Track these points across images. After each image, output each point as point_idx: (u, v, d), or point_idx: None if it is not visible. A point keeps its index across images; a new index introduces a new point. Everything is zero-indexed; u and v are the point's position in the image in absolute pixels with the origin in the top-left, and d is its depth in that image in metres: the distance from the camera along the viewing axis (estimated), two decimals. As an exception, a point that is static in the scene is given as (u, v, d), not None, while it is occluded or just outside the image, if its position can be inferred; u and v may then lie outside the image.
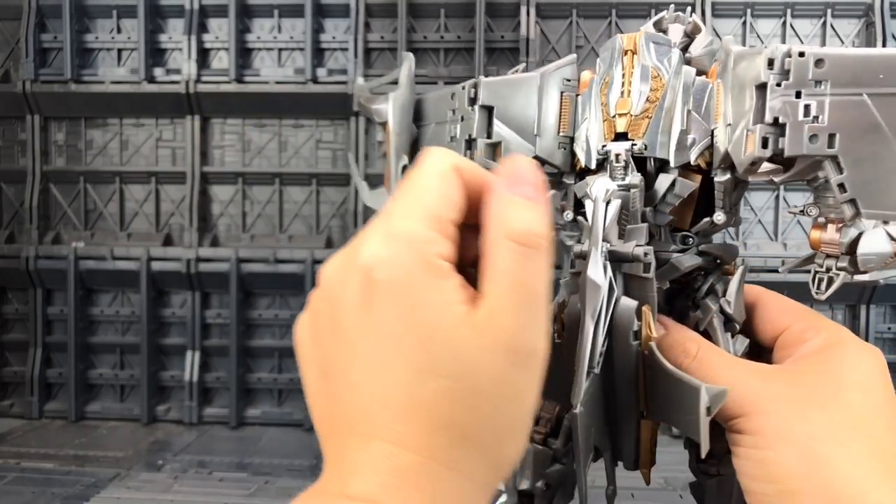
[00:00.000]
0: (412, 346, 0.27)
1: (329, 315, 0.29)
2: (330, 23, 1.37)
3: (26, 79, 1.35)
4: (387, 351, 0.27)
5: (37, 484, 1.03)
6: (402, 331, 0.27)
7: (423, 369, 0.26)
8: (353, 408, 0.28)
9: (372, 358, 0.27)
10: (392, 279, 0.27)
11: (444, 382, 0.26)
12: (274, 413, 1.36)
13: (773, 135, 0.34)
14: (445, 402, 0.26)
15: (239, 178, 1.38)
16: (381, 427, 0.27)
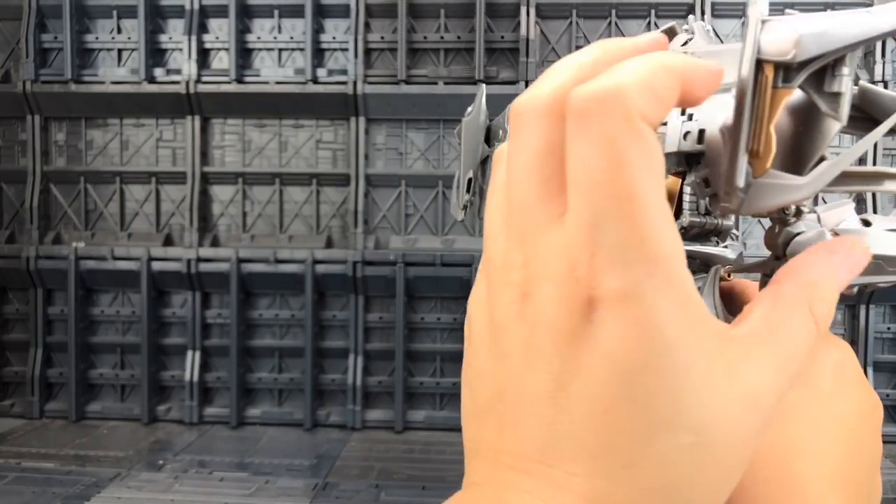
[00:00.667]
0: (658, 395, 0.20)
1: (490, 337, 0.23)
2: (330, 23, 1.37)
3: (27, 79, 1.35)
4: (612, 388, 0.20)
5: (37, 483, 1.03)
6: (639, 368, 0.20)
7: (665, 423, 0.20)
8: (551, 435, 0.21)
9: (582, 393, 0.21)
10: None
11: (684, 438, 0.21)
12: (274, 413, 1.36)
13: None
14: (674, 462, 0.21)
15: (239, 178, 1.38)
16: (586, 474, 0.20)
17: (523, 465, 0.20)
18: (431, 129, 1.34)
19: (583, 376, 0.20)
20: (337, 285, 1.34)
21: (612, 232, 0.19)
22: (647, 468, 0.20)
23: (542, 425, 0.20)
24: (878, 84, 1.25)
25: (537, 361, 0.20)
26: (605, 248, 0.19)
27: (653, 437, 0.20)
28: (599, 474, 0.20)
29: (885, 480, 1.06)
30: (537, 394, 0.20)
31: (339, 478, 1.08)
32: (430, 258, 1.28)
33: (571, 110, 0.19)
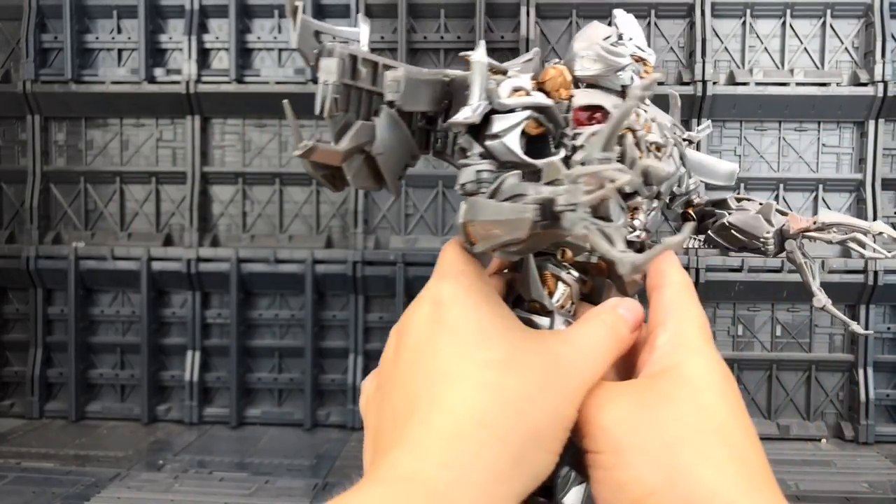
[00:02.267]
0: (468, 329, 0.33)
1: (396, 347, 0.36)
2: (330, 23, 1.36)
3: (27, 79, 1.35)
4: (446, 341, 0.33)
5: (37, 483, 1.03)
6: (462, 324, 0.33)
7: (477, 343, 0.32)
8: (403, 401, 0.33)
9: (432, 352, 0.33)
10: (455, 296, 0.34)
11: (494, 353, 0.32)
12: (274, 413, 1.36)
13: None
14: (490, 368, 0.31)
15: (239, 178, 1.38)
16: (425, 401, 0.31)
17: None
18: (431, 129, 1.34)
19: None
20: (337, 285, 1.34)
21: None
22: (476, 373, 0.31)
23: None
24: (878, 84, 1.25)
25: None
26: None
27: (477, 356, 0.32)
28: (453, 387, 0.31)
29: (885, 480, 1.06)
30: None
31: (339, 478, 1.08)
32: (430, 258, 1.28)
33: None
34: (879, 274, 1.25)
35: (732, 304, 1.31)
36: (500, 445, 0.29)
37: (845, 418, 1.30)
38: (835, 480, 1.08)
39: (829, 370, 1.31)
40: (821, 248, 1.30)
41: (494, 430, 0.30)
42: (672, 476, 0.30)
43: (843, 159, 1.31)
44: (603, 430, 0.32)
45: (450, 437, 0.29)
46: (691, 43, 1.30)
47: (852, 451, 1.22)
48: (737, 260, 1.27)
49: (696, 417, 0.31)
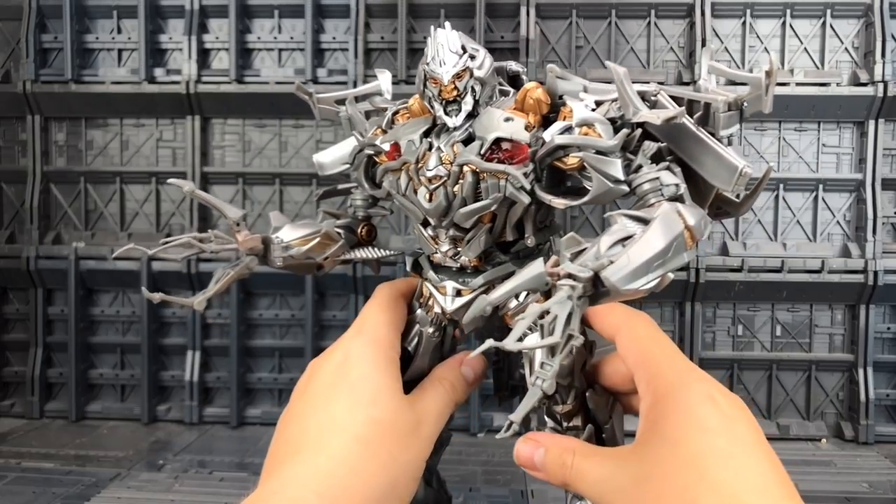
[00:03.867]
0: (361, 389, 0.43)
1: (304, 385, 0.46)
2: (330, 23, 1.37)
3: (27, 79, 1.35)
4: (343, 393, 0.42)
5: (37, 484, 1.03)
6: (360, 381, 0.43)
7: (362, 402, 0.42)
8: (296, 434, 0.42)
9: (329, 398, 0.42)
10: (361, 355, 0.44)
11: (376, 413, 0.41)
12: (274, 413, 1.36)
13: None
14: (369, 425, 0.41)
15: (239, 178, 1.38)
16: (313, 442, 0.40)
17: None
18: (431, 129, 1.34)
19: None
20: (337, 285, 1.34)
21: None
22: (350, 429, 0.41)
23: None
24: (877, 84, 1.25)
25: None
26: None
27: (356, 414, 0.42)
28: (328, 437, 0.41)
29: (885, 480, 1.06)
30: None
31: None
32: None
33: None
34: (879, 274, 1.25)
35: (732, 304, 1.31)
36: (365, 489, 0.38)
37: (845, 418, 1.30)
38: (835, 480, 1.08)
39: (829, 370, 1.31)
40: (821, 248, 1.30)
41: (363, 478, 0.38)
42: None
43: (843, 159, 1.31)
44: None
45: (328, 476, 0.38)
46: (691, 43, 1.30)
47: (852, 451, 1.23)
48: (737, 260, 1.27)
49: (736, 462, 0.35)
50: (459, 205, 0.46)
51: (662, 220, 0.36)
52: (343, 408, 0.41)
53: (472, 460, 1.15)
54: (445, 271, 0.53)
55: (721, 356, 1.31)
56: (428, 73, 0.47)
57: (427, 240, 0.52)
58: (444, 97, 0.47)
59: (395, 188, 0.50)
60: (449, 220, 0.48)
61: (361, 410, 0.41)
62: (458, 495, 0.98)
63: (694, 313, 1.29)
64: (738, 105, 0.44)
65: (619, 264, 0.33)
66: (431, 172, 0.47)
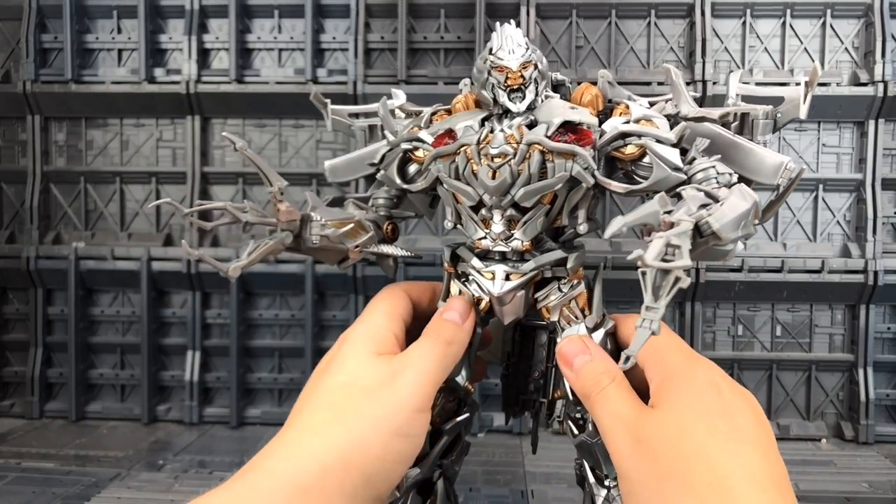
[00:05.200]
0: (333, 363, 0.48)
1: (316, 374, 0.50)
2: (330, 23, 1.37)
3: (26, 79, 1.35)
4: (318, 372, 0.48)
5: (37, 484, 1.03)
6: (335, 359, 0.48)
7: (330, 373, 0.46)
8: (299, 403, 0.46)
9: (312, 385, 0.47)
10: (349, 338, 0.48)
11: (339, 378, 0.44)
12: (274, 413, 1.36)
13: None
14: (334, 391, 0.43)
15: (239, 178, 1.38)
16: (292, 417, 0.44)
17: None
18: (431, 129, 1.34)
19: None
20: (337, 285, 1.34)
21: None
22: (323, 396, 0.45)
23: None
24: (878, 84, 1.25)
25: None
26: None
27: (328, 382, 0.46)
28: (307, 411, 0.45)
29: (885, 480, 1.06)
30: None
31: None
32: (431, 258, 1.28)
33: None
34: (879, 274, 1.25)
35: (732, 304, 1.31)
36: (330, 450, 0.39)
37: (845, 418, 1.30)
38: (835, 480, 1.08)
39: (829, 370, 1.31)
40: (821, 248, 1.30)
41: (327, 439, 0.40)
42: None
43: (843, 159, 1.31)
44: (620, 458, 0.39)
45: (295, 444, 0.40)
46: (691, 43, 1.30)
47: (852, 451, 1.23)
48: (737, 260, 1.27)
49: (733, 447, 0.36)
50: (523, 182, 0.48)
51: (739, 191, 0.41)
52: (314, 382, 0.45)
53: (472, 460, 1.15)
54: (491, 258, 0.54)
55: (721, 356, 1.30)
56: (494, 61, 0.50)
57: (476, 224, 0.52)
58: (509, 84, 0.49)
59: (447, 172, 0.50)
60: (509, 200, 0.49)
61: (327, 379, 0.44)
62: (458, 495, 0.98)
63: (694, 313, 1.29)
64: (773, 115, 0.50)
65: (718, 215, 0.38)
66: (497, 150, 0.48)
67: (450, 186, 0.52)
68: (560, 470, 1.07)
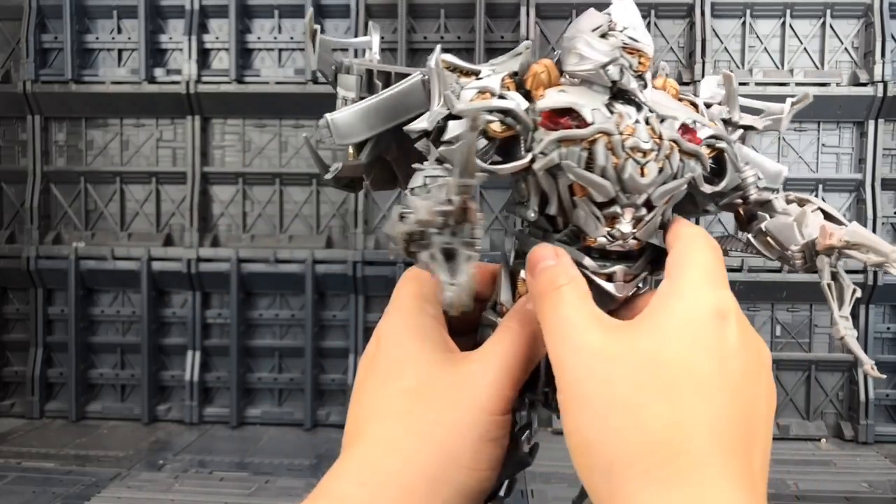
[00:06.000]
0: (386, 366, 0.38)
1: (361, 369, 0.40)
2: (330, 23, 1.37)
3: (27, 79, 1.35)
4: (370, 377, 0.38)
5: (37, 483, 1.03)
6: (383, 360, 0.38)
7: (390, 378, 0.37)
8: (350, 425, 0.38)
9: (362, 388, 0.38)
10: (387, 335, 0.39)
11: (405, 383, 0.36)
12: (274, 413, 1.36)
13: None
14: (402, 398, 0.36)
15: (239, 178, 1.38)
16: (353, 431, 0.36)
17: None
18: (431, 129, 1.34)
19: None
20: (337, 285, 1.34)
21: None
22: (387, 407, 0.37)
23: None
24: (877, 84, 1.25)
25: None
26: None
27: (389, 388, 0.37)
28: (372, 421, 0.37)
29: (885, 480, 1.06)
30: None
31: (339, 478, 1.08)
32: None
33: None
34: (879, 274, 1.25)
35: (732, 304, 1.31)
36: (412, 467, 0.33)
37: (845, 418, 1.30)
38: (835, 480, 1.08)
39: (828, 370, 1.31)
40: (821, 248, 1.30)
41: (405, 454, 0.34)
42: (604, 436, 0.30)
43: (842, 159, 1.31)
44: (561, 370, 0.33)
45: (367, 463, 0.34)
46: (691, 43, 1.30)
47: (852, 450, 1.23)
48: (736, 260, 1.27)
49: (649, 377, 0.31)
50: (662, 181, 0.45)
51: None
52: (373, 390, 0.37)
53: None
54: (609, 257, 0.48)
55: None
56: (629, 42, 0.44)
57: (598, 220, 0.46)
58: (639, 70, 0.46)
59: (574, 159, 0.43)
60: (645, 198, 0.46)
61: (389, 385, 0.37)
62: None
63: (694, 313, 1.29)
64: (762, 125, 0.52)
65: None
66: (647, 145, 0.44)
67: (578, 178, 0.44)
68: (560, 470, 1.07)
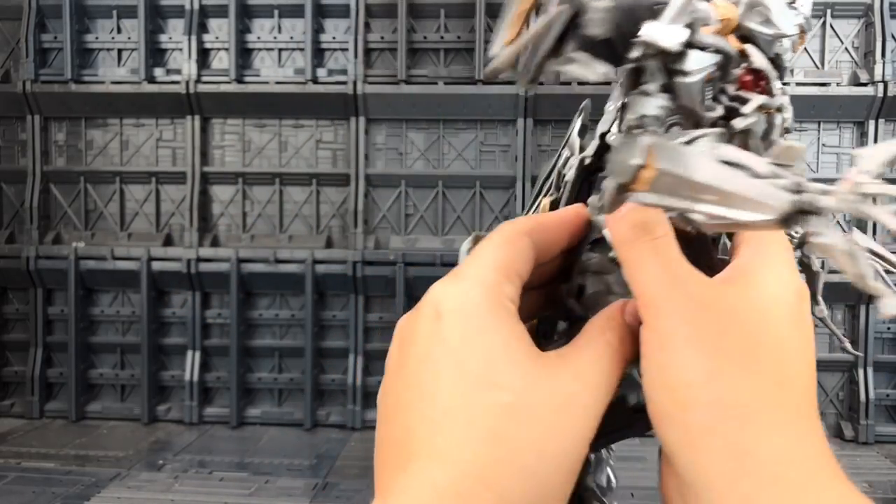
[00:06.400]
0: (475, 360, 0.28)
1: (397, 357, 0.30)
2: (330, 23, 1.37)
3: (26, 79, 1.35)
4: (448, 367, 0.28)
5: (37, 483, 1.03)
6: (466, 346, 0.28)
7: (483, 381, 0.27)
8: (401, 433, 0.29)
9: (431, 376, 0.28)
10: (459, 305, 0.28)
11: (504, 396, 0.27)
12: (274, 413, 1.36)
13: None
14: (499, 415, 0.27)
15: (239, 178, 1.38)
16: (421, 444, 0.27)
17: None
18: (431, 129, 1.34)
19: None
20: (337, 285, 1.34)
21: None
22: (473, 421, 0.27)
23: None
24: (878, 84, 1.25)
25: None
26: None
27: (479, 396, 0.27)
28: (439, 432, 0.27)
29: (885, 480, 1.06)
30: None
31: (339, 478, 1.08)
32: (430, 258, 1.28)
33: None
34: (879, 274, 1.25)
35: (732, 304, 1.31)
36: (514, 494, 0.27)
37: (845, 418, 1.30)
38: (835, 480, 1.08)
39: (829, 370, 1.31)
40: (821, 248, 1.30)
41: (500, 490, 0.27)
42: (711, 377, 0.28)
43: (843, 159, 1.31)
44: (668, 316, 0.29)
45: (451, 494, 0.27)
46: (691, 43, 1.30)
47: (852, 451, 1.23)
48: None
49: (752, 341, 0.29)
50: None
51: None
52: (452, 395, 0.28)
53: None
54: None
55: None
56: (803, 24, 0.38)
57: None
58: (795, 48, 0.42)
59: (759, 128, 0.38)
60: None
61: (480, 394, 0.28)
62: None
63: (694, 313, 1.29)
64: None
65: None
66: (786, 122, 0.39)
67: (755, 148, 0.40)
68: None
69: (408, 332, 0.30)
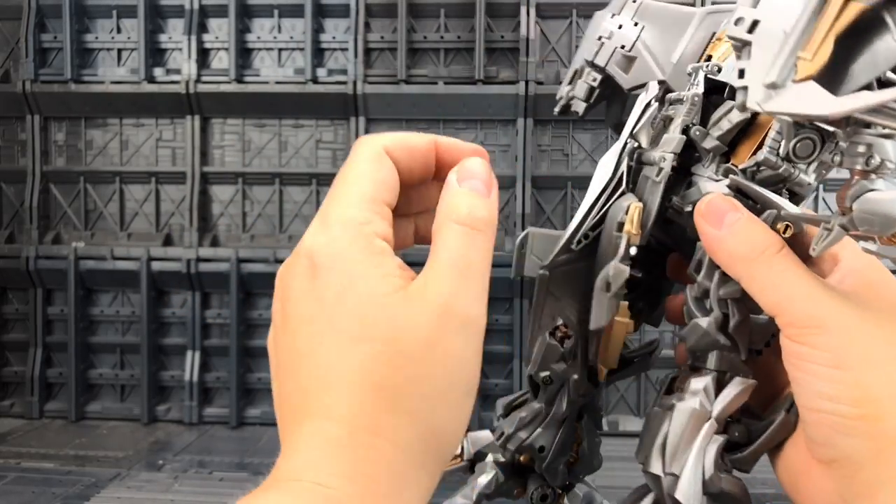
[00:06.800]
0: (347, 316, 0.28)
1: (280, 312, 0.31)
2: (330, 23, 1.37)
3: (26, 79, 1.35)
4: (324, 326, 0.28)
5: (37, 484, 1.03)
6: (339, 303, 0.28)
7: (354, 336, 0.28)
8: (294, 393, 0.30)
9: (311, 337, 0.29)
10: (331, 258, 0.29)
11: (375, 346, 0.28)
12: (274, 413, 1.36)
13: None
14: (375, 365, 0.28)
15: (239, 178, 1.38)
16: (314, 403, 0.29)
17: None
18: (431, 129, 1.34)
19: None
20: (337, 285, 1.34)
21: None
22: (355, 375, 0.27)
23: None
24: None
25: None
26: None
27: (353, 349, 0.28)
28: (327, 391, 0.28)
29: (886, 480, 1.05)
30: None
31: (339, 478, 1.08)
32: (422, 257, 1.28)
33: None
34: (879, 274, 1.25)
35: (732, 303, 1.31)
36: (400, 452, 0.27)
37: (845, 418, 1.30)
38: (835, 480, 1.08)
39: (829, 370, 1.31)
40: (821, 247, 1.29)
41: (391, 437, 0.27)
42: (873, 386, 0.28)
43: (843, 159, 1.31)
44: (836, 333, 0.29)
45: (347, 448, 0.27)
46: (691, 43, 1.30)
47: (852, 451, 1.22)
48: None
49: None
50: None
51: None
52: (329, 352, 0.28)
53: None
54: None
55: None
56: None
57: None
58: None
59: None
60: None
61: (355, 348, 0.28)
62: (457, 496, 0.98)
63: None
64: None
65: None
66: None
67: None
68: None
69: (288, 288, 0.31)
